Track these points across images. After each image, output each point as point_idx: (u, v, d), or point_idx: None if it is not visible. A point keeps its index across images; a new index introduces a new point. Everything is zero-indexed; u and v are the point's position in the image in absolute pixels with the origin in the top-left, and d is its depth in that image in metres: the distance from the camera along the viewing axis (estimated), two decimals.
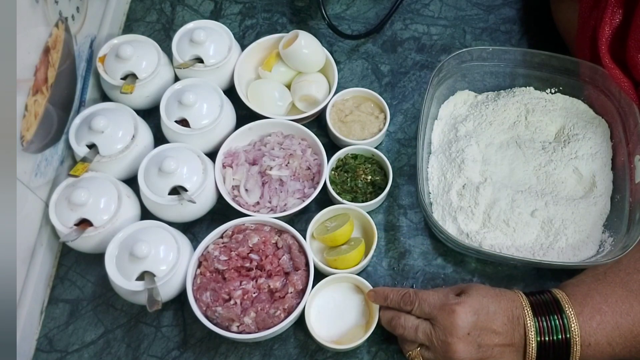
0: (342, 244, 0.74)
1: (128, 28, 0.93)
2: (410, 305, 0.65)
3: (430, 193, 0.77)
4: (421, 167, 0.74)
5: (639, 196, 0.71)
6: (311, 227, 0.74)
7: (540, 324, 0.61)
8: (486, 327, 0.61)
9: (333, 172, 0.79)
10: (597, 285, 0.64)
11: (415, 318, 0.64)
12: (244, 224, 0.73)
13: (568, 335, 0.60)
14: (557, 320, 0.60)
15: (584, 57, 0.78)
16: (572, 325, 0.60)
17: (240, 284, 0.69)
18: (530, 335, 0.60)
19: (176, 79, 0.85)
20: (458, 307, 0.61)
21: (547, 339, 0.60)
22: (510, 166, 0.78)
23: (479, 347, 0.61)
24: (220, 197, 0.77)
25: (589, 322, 0.61)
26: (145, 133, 0.79)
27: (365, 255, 0.73)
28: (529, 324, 0.61)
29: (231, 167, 0.78)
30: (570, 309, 0.61)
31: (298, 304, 0.68)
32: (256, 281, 0.69)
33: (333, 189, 0.76)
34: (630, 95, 0.74)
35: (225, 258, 0.70)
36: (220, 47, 0.83)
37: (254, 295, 0.68)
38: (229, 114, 0.80)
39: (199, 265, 0.71)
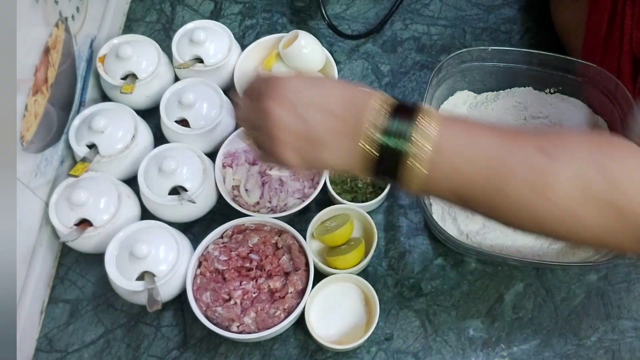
0: (342, 244, 0.74)
1: (128, 28, 0.93)
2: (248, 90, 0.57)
3: None
4: None
5: None
6: (311, 227, 0.74)
7: (388, 123, 0.49)
8: (317, 101, 0.51)
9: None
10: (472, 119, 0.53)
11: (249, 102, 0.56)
12: (244, 224, 0.73)
13: (414, 136, 0.48)
14: (408, 125, 0.49)
15: (592, 57, 0.78)
16: (423, 128, 0.49)
17: (240, 284, 0.69)
18: (373, 133, 0.49)
19: (176, 79, 0.85)
20: (287, 75, 0.53)
21: (390, 143, 0.49)
22: None
23: (305, 121, 0.51)
24: (220, 197, 0.77)
25: (445, 129, 0.49)
26: (145, 133, 0.79)
27: (365, 255, 0.73)
28: (374, 118, 0.50)
29: (231, 167, 0.78)
30: (428, 117, 0.50)
31: (298, 304, 0.68)
32: (256, 281, 0.69)
33: (333, 189, 0.76)
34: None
35: (225, 258, 0.70)
36: (220, 47, 0.83)
37: (254, 295, 0.68)
38: (229, 114, 0.80)
39: (199, 265, 0.71)
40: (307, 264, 0.70)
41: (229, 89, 0.84)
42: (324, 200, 0.78)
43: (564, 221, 0.48)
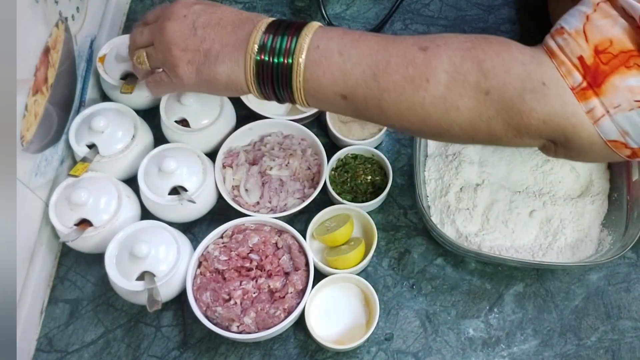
0: (342, 244, 0.74)
1: (128, 28, 0.93)
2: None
3: (428, 196, 0.77)
4: (418, 170, 0.73)
5: (636, 194, 0.72)
6: (311, 227, 0.74)
7: (265, 40, 0.55)
8: (215, 21, 0.56)
9: (333, 172, 0.79)
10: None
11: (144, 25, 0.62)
12: (244, 224, 0.73)
13: (290, 49, 0.54)
14: (284, 40, 0.54)
15: None
16: (301, 40, 0.54)
17: (240, 284, 0.69)
18: (253, 52, 0.54)
19: None
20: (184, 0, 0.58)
21: (266, 58, 0.55)
22: (507, 167, 0.78)
23: (203, 37, 0.56)
24: (220, 197, 0.77)
25: (324, 38, 0.54)
26: (145, 133, 0.79)
27: (365, 255, 0.73)
28: (255, 37, 0.55)
29: (231, 167, 0.78)
30: (306, 29, 0.55)
31: (298, 304, 0.68)
32: (256, 281, 0.69)
33: (333, 189, 0.76)
34: None
35: (225, 258, 0.70)
36: None
37: (254, 295, 0.68)
38: (229, 114, 0.80)
39: (199, 265, 0.71)
40: (307, 264, 0.70)
41: None
42: (324, 200, 0.78)
43: (440, 108, 0.52)
